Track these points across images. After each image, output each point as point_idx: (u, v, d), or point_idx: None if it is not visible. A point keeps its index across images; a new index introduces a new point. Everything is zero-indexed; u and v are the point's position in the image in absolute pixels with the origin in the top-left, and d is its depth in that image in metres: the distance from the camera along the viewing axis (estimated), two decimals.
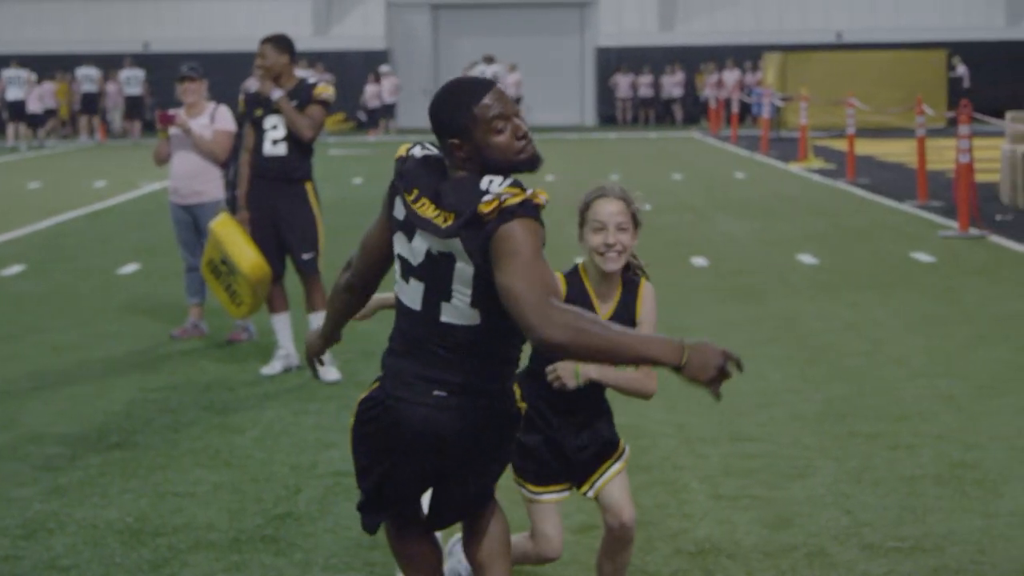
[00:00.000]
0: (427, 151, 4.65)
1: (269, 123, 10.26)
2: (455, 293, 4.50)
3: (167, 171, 11.83)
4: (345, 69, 47.03)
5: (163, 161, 11.82)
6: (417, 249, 4.54)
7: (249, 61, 39.59)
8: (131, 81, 43.43)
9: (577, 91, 50.89)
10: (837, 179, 25.52)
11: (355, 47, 49.25)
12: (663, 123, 48.51)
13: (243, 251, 10.22)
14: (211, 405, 9.50)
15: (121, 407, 9.49)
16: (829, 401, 9.32)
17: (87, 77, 43.23)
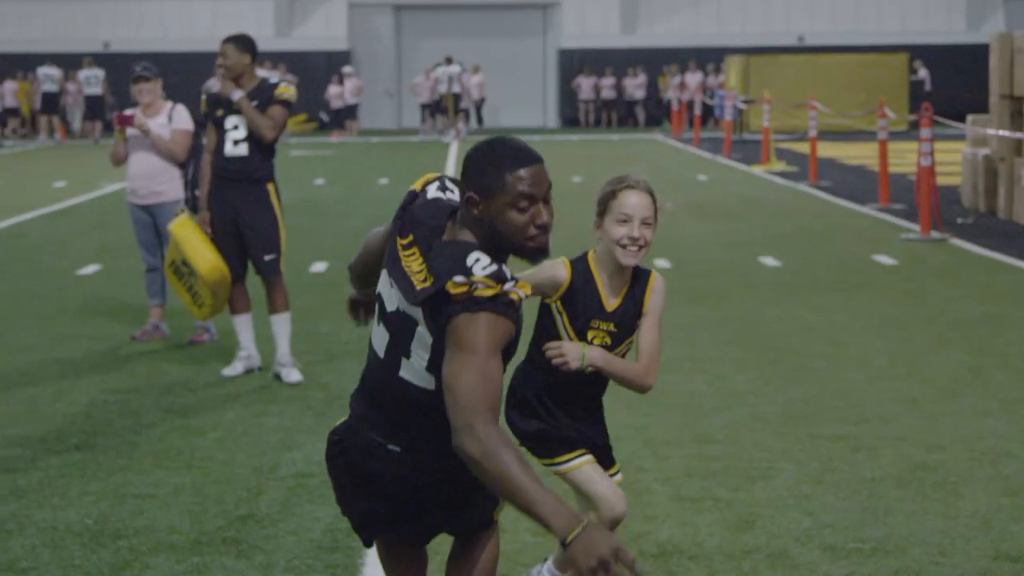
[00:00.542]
0: (441, 194, 4.41)
1: (230, 123, 10.20)
2: (414, 353, 4.31)
3: (126, 171, 11.78)
4: (307, 70, 46.95)
5: (120, 162, 11.77)
6: (391, 297, 4.36)
7: (210, 61, 39.40)
8: (91, 81, 43.23)
9: (540, 93, 50.93)
10: (799, 182, 25.59)
11: (317, 48, 49.17)
12: (625, 125, 48.59)
13: (201, 253, 10.17)
14: (172, 406, 9.45)
15: (81, 408, 9.43)
16: (791, 403, 9.34)
17: (48, 76, 43.03)
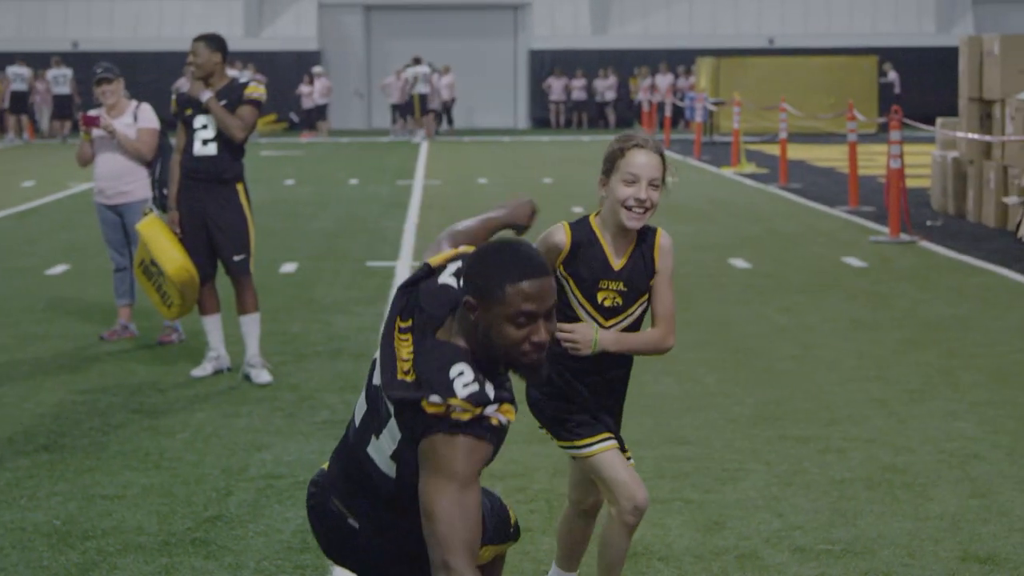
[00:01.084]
0: (453, 281, 4.19)
1: (199, 122, 10.16)
2: (383, 437, 4.13)
3: (93, 172, 11.73)
4: (277, 70, 46.82)
5: (87, 163, 11.73)
6: (377, 371, 4.14)
7: (180, 61, 39.33)
8: (59, 80, 43.05)
9: (510, 93, 50.92)
10: (769, 184, 25.64)
11: (287, 48, 49.06)
12: (596, 126, 48.61)
13: (168, 253, 10.13)
14: (141, 407, 9.42)
15: (49, 409, 9.39)
16: (761, 405, 9.35)
17: (18, 75, 42.82)
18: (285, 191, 25.24)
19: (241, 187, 10.28)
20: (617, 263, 5.21)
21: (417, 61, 42.57)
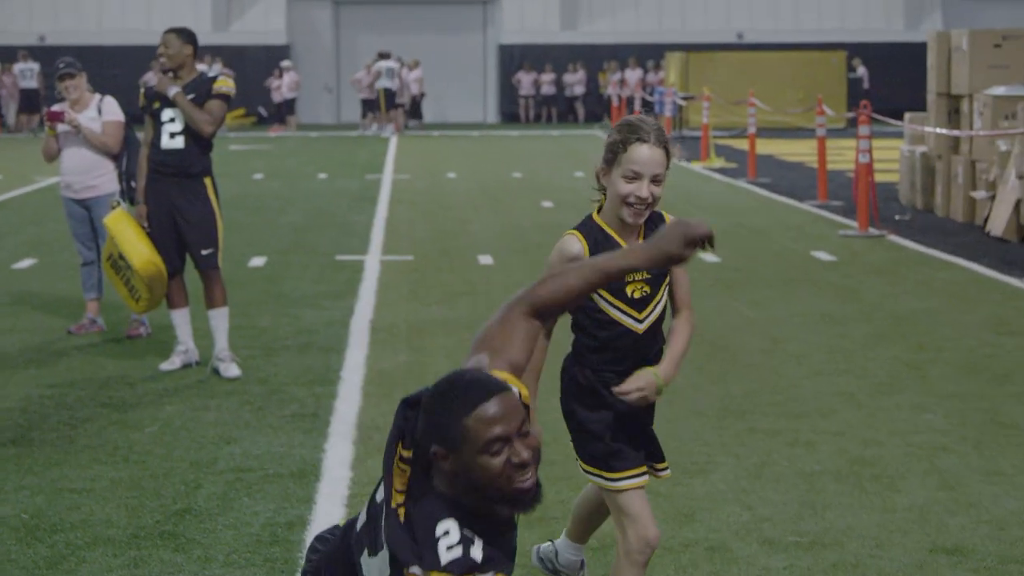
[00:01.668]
0: None
1: (167, 116, 10.11)
2: (378, 558, 3.78)
3: (59, 166, 11.69)
4: (245, 64, 46.72)
5: (52, 158, 11.69)
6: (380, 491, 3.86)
7: (147, 54, 39.08)
8: (26, 74, 42.91)
9: (480, 88, 50.91)
10: (738, 178, 25.70)
11: (256, 42, 48.93)
12: (565, 121, 48.64)
13: (135, 247, 10.10)
14: (109, 401, 9.39)
15: (17, 403, 9.35)
16: (729, 398, 9.37)
17: None
18: (254, 185, 25.19)
19: (209, 181, 10.25)
20: None
21: (383, 56, 42.50)
